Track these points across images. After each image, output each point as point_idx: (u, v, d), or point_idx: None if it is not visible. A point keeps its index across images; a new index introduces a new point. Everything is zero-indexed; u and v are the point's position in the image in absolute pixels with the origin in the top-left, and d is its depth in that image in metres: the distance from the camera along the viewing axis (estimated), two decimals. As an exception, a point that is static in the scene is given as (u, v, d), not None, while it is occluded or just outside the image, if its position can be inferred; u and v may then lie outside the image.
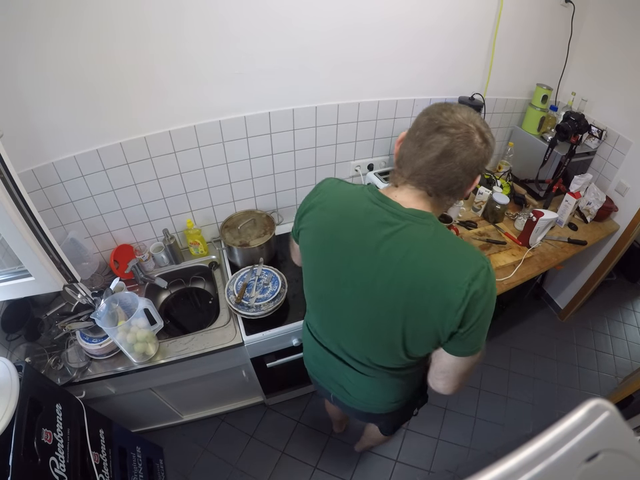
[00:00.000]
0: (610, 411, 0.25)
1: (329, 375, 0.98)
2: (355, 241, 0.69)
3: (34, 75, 1.04)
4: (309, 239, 0.78)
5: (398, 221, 0.66)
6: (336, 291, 0.75)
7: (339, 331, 0.82)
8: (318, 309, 0.86)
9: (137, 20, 1.06)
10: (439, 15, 1.39)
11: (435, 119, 0.63)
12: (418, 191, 0.68)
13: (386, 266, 0.66)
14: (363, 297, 0.70)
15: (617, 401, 1.78)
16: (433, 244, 0.64)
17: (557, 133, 1.62)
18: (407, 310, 0.66)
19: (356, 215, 0.69)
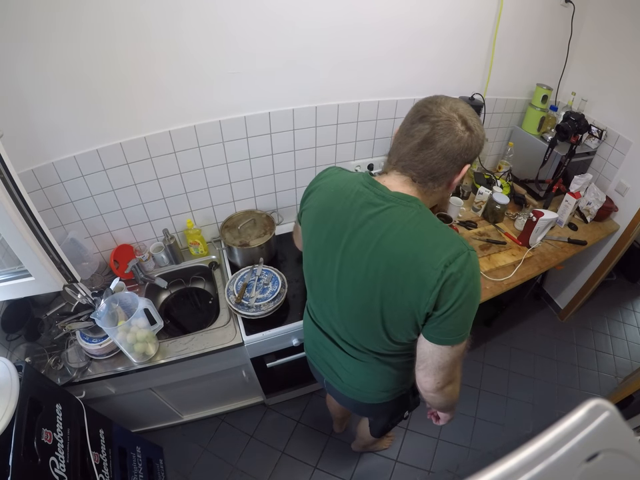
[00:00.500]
0: (610, 411, 0.25)
1: (323, 358, 0.99)
2: (342, 220, 0.73)
3: (33, 75, 1.04)
4: (308, 219, 0.82)
5: (383, 202, 0.69)
6: (325, 269, 0.78)
7: (330, 312, 0.85)
8: (312, 289, 0.89)
9: (136, 20, 1.06)
10: (439, 15, 1.39)
11: (420, 111, 0.68)
12: (403, 177, 0.71)
13: (366, 244, 0.69)
14: (347, 276, 0.74)
15: (616, 401, 1.78)
16: (413, 225, 0.67)
17: (557, 133, 1.62)
18: (384, 290, 0.68)
19: (346, 195, 0.73)
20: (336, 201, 0.75)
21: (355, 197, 0.72)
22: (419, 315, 0.68)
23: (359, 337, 0.83)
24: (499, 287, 1.42)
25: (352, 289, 0.74)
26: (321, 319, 0.92)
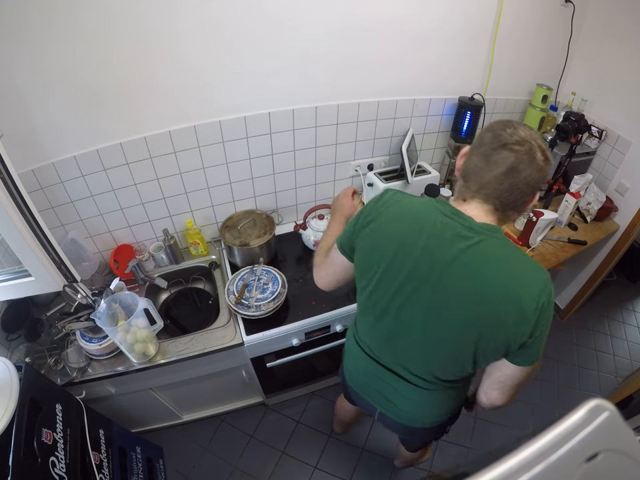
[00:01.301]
0: (610, 410, 0.25)
1: (377, 389, 0.94)
2: (431, 254, 0.68)
3: (33, 75, 1.04)
4: (372, 250, 0.75)
5: (472, 234, 0.67)
6: (406, 305, 0.74)
7: (405, 346, 0.80)
8: (375, 322, 0.82)
9: (134, 19, 1.06)
10: (439, 17, 1.39)
11: (499, 135, 0.66)
12: (486, 206, 0.70)
13: (462, 280, 0.67)
14: (439, 312, 0.70)
15: (616, 401, 1.78)
16: (505, 258, 0.67)
17: (557, 133, 1.62)
18: (482, 325, 0.67)
19: (431, 227, 0.69)
20: (418, 232, 0.70)
21: (442, 228, 0.68)
22: (513, 344, 0.68)
23: (438, 370, 0.80)
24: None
25: (446, 325, 0.70)
26: (382, 353, 0.87)
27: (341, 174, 1.73)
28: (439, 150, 1.86)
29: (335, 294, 1.45)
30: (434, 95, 1.62)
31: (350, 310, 1.40)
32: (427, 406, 0.90)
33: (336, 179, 1.74)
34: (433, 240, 0.68)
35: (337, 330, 1.43)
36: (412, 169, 1.59)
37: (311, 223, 1.58)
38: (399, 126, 1.65)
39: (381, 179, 1.61)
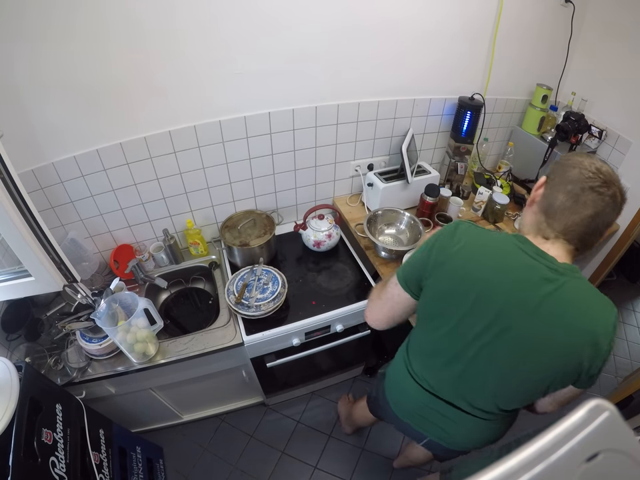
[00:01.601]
0: (610, 410, 0.25)
1: (432, 421, 0.94)
2: (515, 299, 0.68)
3: (33, 75, 1.04)
4: (451, 292, 0.73)
5: (557, 277, 0.67)
6: (484, 348, 0.73)
7: (472, 385, 0.80)
8: (447, 363, 0.81)
9: (132, 21, 1.06)
10: (439, 17, 1.39)
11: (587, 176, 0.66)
12: (569, 246, 0.70)
13: (547, 326, 0.67)
14: (518, 351, 0.70)
15: (616, 401, 1.78)
16: (586, 300, 0.67)
17: (557, 133, 1.62)
18: (562, 364, 0.69)
19: (515, 271, 0.68)
20: (502, 276, 0.68)
21: (527, 271, 0.67)
22: (584, 376, 0.70)
23: (505, 403, 0.80)
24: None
25: (526, 367, 0.71)
26: (446, 388, 0.86)
27: (340, 174, 1.73)
28: (439, 150, 1.86)
29: (335, 293, 1.45)
30: (434, 95, 1.62)
31: (350, 310, 1.40)
32: (484, 434, 0.91)
33: (336, 179, 1.74)
34: (518, 285, 0.68)
35: (337, 330, 1.43)
36: (412, 169, 1.59)
37: (310, 223, 1.58)
38: (399, 126, 1.65)
39: (381, 179, 1.61)
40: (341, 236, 1.67)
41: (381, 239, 1.57)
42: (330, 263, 1.60)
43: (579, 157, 0.70)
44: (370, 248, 1.53)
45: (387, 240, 1.58)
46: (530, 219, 0.74)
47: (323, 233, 1.55)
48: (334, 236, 1.58)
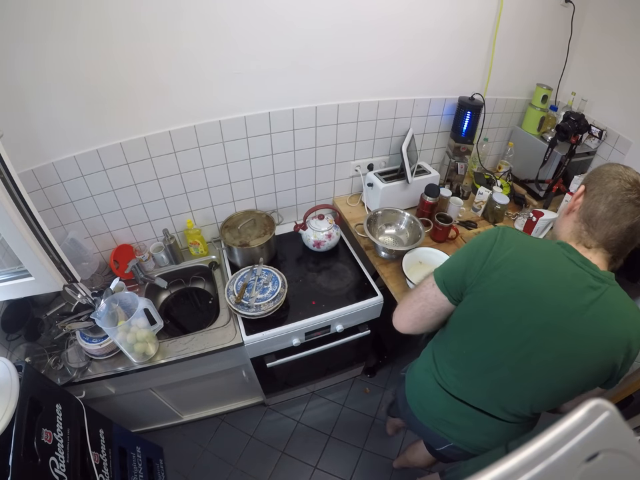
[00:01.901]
0: (610, 411, 0.25)
1: (458, 427, 0.94)
2: (566, 305, 0.70)
3: (33, 75, 1.04)
4: (501, 300, 0.74)
5: (600, 284, 0.70)
6: (528, 354, 0.74)
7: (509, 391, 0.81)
8: (485, 372, 0.82)
9: (135, 19, 1.06)
10: (439, 16, 1.39)
11: (627, 189, 0.69)
12: (608, 255, 0.73)
13: (592, 328, 0.70)
14: (563, 356, 0.72)
15: (617, 401, 1.78)
16: (623, 305, 0.71)
17: (557, 133, 1.62)
18: (599, 369, 0.72)
19: (565, 278, 0.71)
20: (553, 283, 0.71)
21: (574, 280, 0.70)
22: (615, 379, 0.74)
23: (539, 407, 0.82)
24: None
25: (569, 370, 0.73)
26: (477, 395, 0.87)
27: (340, 174, 1.73)
28: (439, 150, 1.86)
29: (335, 293, 1.45)
30: (434, 95, 1.62)
31: (350, 310, 1.40)
32: (509, 435, 0.91)
33: (336, 179, 1.74)
34: (566, 292, 0.70)
35: (337, 330, 1.43)
36: (412, 169, 1.59)
37: (311, 223, 1.58)
38: (399, 126, 1.65)
39: (381, 179, 1.61)
40: (341, 236, 1.67)
41: (381, 239, 1.57)
42: (330, 263, 1.60)
43: (617, 167, 0.73)
44: (370, 248, 1.53)
45: (387, 240, 1.58)
46: (570, 227, 0.77)
47: (323, 233, 1.55)
48: (334, 236, 1.58)
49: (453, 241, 1.58)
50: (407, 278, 1.31)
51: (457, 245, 1.58)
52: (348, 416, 1.87)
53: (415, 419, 1.04)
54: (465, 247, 0.80)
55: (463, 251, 0.80)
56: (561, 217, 0.81)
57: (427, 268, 1.44)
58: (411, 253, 1.40)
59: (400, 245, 1.54)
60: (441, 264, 0.84)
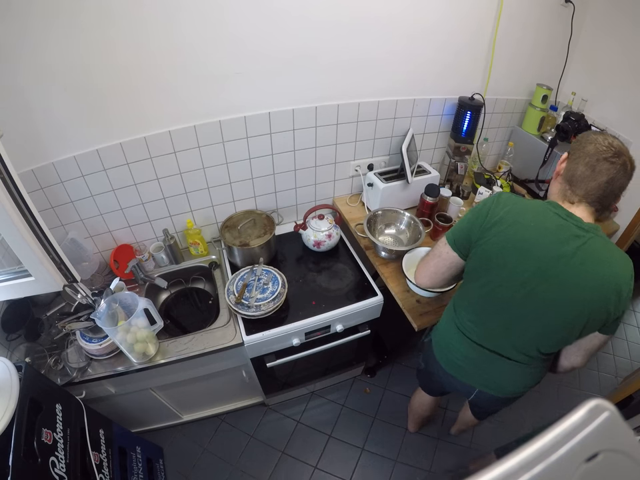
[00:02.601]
0: (610, 411, 0.25)
1: (480, 372, 1.06)
2: (553, 252, 0.81)
3: (34, 75, 1.04)
4: (500, 250, 0.85)
5: (584, 233, 0.80)
6: (529, 295, 0.85)
7: (519, 330, 0.92)
8: (496, 312, 0.93)
9: (136, 18, 1.06)
10: (438, 15, 1.39)
11: (601, 150, 0.80)
12: (591, 208, 0.84)
13: (580, 272, 0.80)
14: (558, 298, 0.83)
15: (617, 401, 1.78)
16: (608, 253, 0.81)
17: (557, 133, 1.62)
18: (593, 306, 0.81)
19: (551, 229, 0.82)
20: (541, 235, 0.82)
21: (561, 230, 0.81)
22: (612, 319, 0.83)
23: (546, 346, 0.92)
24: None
25: (564, 309, 0.83)
26: (494, 338, 0.98)
27: (340, 174, 1.73)
28: (439, 150, 1.86)
29: (335, 293, 1.45)
30: (434, 95, 1.62)
31: (350, 310, 1.40)
32: (526, 378, 1.03)
33: (336, 179, 1.74)
34: (554, 241, 0.81)
35: (337, 330, 1.43)
36: (412, 169, 1.59)
37: (310, 222, 1.58)
38: (399, 126, 1.65)
39: (381, 179, 1.61)
40: (341, 236, 1.67)
41: (381, 239, 1.57)
42: (330, 263, 1.60)
43: (594, 135, 0.83)
44: (370, 248, 1.53)
45: (387, 240, 1.58)
46: (556, 189, 0.88)
47: (323, 232, 1.55)
48: (334, 236, 1.58)
49: None
50: (407, 278, 1.31)
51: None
52: (348, 416, 1.87)
53: (446, 374, 1.14)
54: (469, 211, 0.92)
55: (468, 214, 0.92)
56: (551, 183, 0.92)
57: (427, 268, 1.44)
58: (411, 253, 1.40)
59: (400, 245, 1.54)
60: (451, 229, 0.96)
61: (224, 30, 1.16)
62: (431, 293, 1.30)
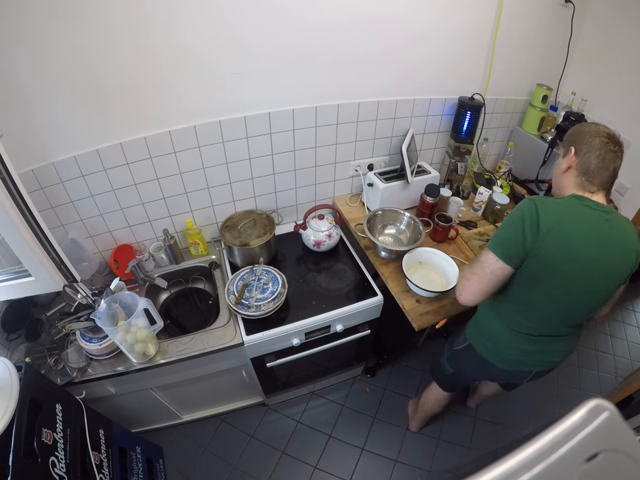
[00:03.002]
0: (610, 411, 0.25)
1: (538, 357, 1.13)
2: (597, 239, 0.92)
3: (33, 75, 1.04)
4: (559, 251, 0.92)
5: (608, 216, 0.93)
6: (584, 283, 0.95)
7: (573, 312, 1.02)
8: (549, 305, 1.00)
9: (136, 18, 1.06)
10: (438, 15, 1.39)
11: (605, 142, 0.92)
12: (604, 193, 0.96)
13: (617, 247, 0.93)
14: (607, 275, 0.95)
15: (617, 401, 1.78)
16: (624, 222, 0.97)
17: (557, 133, 1.62)
18: (626, 271, 0.96)
19: (590, 220, 0.92)
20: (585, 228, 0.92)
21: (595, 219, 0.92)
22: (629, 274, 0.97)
23: (592, 314, 1.07)
24: (499, 287, 1.42)
25: (608, 280, 0.97)
26: (553, 324, 1.05)
27: (340, 174, 1.73)
28: (439, 150, 1.86)
29: (335, 293, 1.45)
30: (434, 95, 1.62)
31: (350, 310, 1.40)
32: (572, 345, 1.14)
33: (336, 179, 1.74)
34: (592, 227, 0.92)
35: (337, 330, 1.43)
36: (412, 169, 1.59)
37: (310, 222, 1.58)
38: (399, 126, 1.65)
39: (381, 179, 1.61)
40: (341, 236, 1.67)
41: (381, 239, 1.57)
42: (330, 263, 1.60)
43: (592, 126, 0.96)
44: (370, 248, 1.53)
45: (387, 240, 1.58)
46: (572, 181, 0.98)
47: (323, 232, 1.55)
48: (334, 236, 1.58)
49: (453, 241, 1.58)
50: (407, 278, 1.31)
51: (457, 245, 1.58)
52: (348, 416, 1.87)
53: (499, 369, 1.18)
54: (511, 222, 0.95)
55: (511, 226, 0.94)
56: (560, 175, 1.01)
57: (427, 268, 1.44)
58: (411, 253, 1.40)
59: (400, 245, 1.54)
60: (494, 242, 0.97)
61: (224, 29, 1.16)
62: (431, 293, 1.30)
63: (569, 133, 1.01)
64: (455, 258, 1.42)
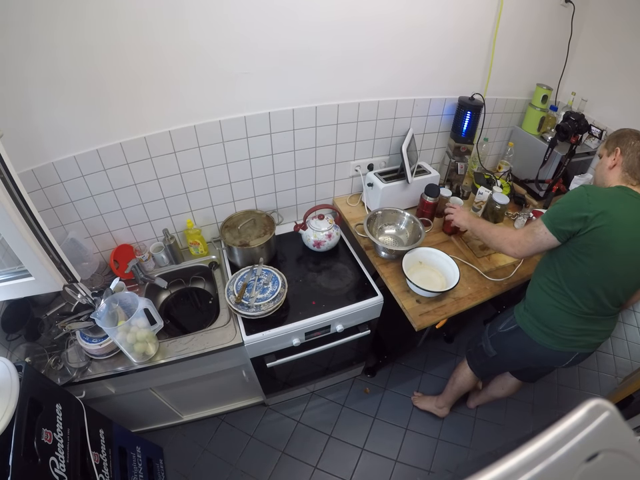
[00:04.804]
0: (610, 411, 0.25)
1: (587, 337, 1.21)
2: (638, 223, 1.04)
3: (33, 75, 1.04)
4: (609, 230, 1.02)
5: None
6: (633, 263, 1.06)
7: (620, 289, 1.11)
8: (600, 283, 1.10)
9: (139, 17, 1.06)
10: (439, 15, 1.39)
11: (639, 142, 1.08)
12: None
13: None
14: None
15: (617, 401, 1.78)
16: None
17: (557, 133, 1.62)
18: None
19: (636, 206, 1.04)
20: (632, 212, 1.03)
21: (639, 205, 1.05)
22: None
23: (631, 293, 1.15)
24: (499, 287, 1.42)
25: None
26: (598, 304, 1.14)
27: (340, 174, 1.73)
28: (439, 150, 1.86)
29: (335, 293, 1.45)
30: (434, 95, 1.62)
31: (350, 310, 1.40)
32: (613, 325, 1.23)
33: (336, 179, 1.74)
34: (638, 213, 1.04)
35: (337, 330, 1.43)
36: (412, 169, 1.59)
37: (310, 222, 1.58)
38: (399, 126, 1.65)
39: (381, 179, 1.61)
40: (341, 236, 1.67)
41: (381, 239, 1.57)
42: (330, 262, 1.60)
43: (632, 130, 1.12)
44: (370, 248, 1.53)
45: (387, 240, 1.58)
46: (617, 176, 1.11)
47: (323, 232, 1.55)
48: (334, 236, 1.58)
49: (461, 235, 1.59)
50: (407, 278, 1.31)
51: (457, 245, 1.58)
52: (348, 416, 1.87)
53: (546, 352, 1.27)
54: (566, 203, 1.08)
55: (566, 208, 1.07)
56: (605, 171, 1.14)
57: (427, 268, 1.44)
58: (411, 253, 1.40)
59: (400, 245, 1.54)
60: (549, 217, 1.10)
61: (226, 28, 1.16)
62: (431, 293, 1.30)
63: (611, 135, 1.16)
64: (455, 258, 1.42)
